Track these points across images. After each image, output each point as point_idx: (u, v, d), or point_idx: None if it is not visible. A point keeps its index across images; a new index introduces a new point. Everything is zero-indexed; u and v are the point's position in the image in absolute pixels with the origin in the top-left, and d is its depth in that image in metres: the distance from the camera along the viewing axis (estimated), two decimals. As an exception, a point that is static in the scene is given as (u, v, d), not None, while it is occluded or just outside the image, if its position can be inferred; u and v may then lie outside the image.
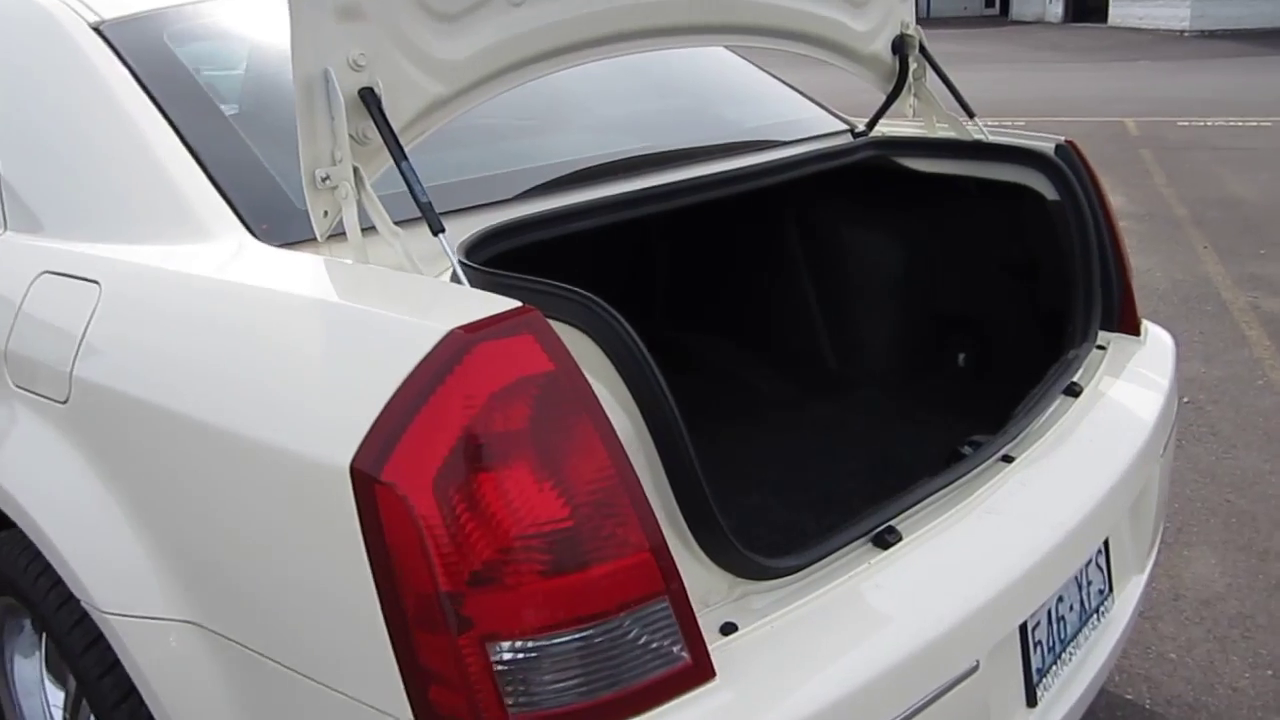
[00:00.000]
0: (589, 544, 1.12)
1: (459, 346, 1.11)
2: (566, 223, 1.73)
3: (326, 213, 1.40)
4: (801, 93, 2.66)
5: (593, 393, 1.15)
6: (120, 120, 1.62)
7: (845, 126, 2.54)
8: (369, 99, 1.36)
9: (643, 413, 1.25)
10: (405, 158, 1.34)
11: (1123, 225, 7.36)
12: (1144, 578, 2.00)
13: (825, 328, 2.67)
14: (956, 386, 2.62)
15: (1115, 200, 7.34)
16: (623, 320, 1.26)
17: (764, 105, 2.47)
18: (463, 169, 1.87)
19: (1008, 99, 12.39)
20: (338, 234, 1.41)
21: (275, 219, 1.52)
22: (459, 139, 1.90)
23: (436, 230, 1.32)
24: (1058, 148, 2.25)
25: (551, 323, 1.28)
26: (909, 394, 2.60)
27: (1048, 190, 2.22)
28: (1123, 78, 14.75)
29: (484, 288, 1.33)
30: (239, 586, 1.30)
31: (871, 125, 2.51)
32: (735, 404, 2.61)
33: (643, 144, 2.07)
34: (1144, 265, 5.86)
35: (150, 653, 1.39)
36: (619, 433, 1.25)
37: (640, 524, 1.15)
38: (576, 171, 1.95)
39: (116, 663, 1.45)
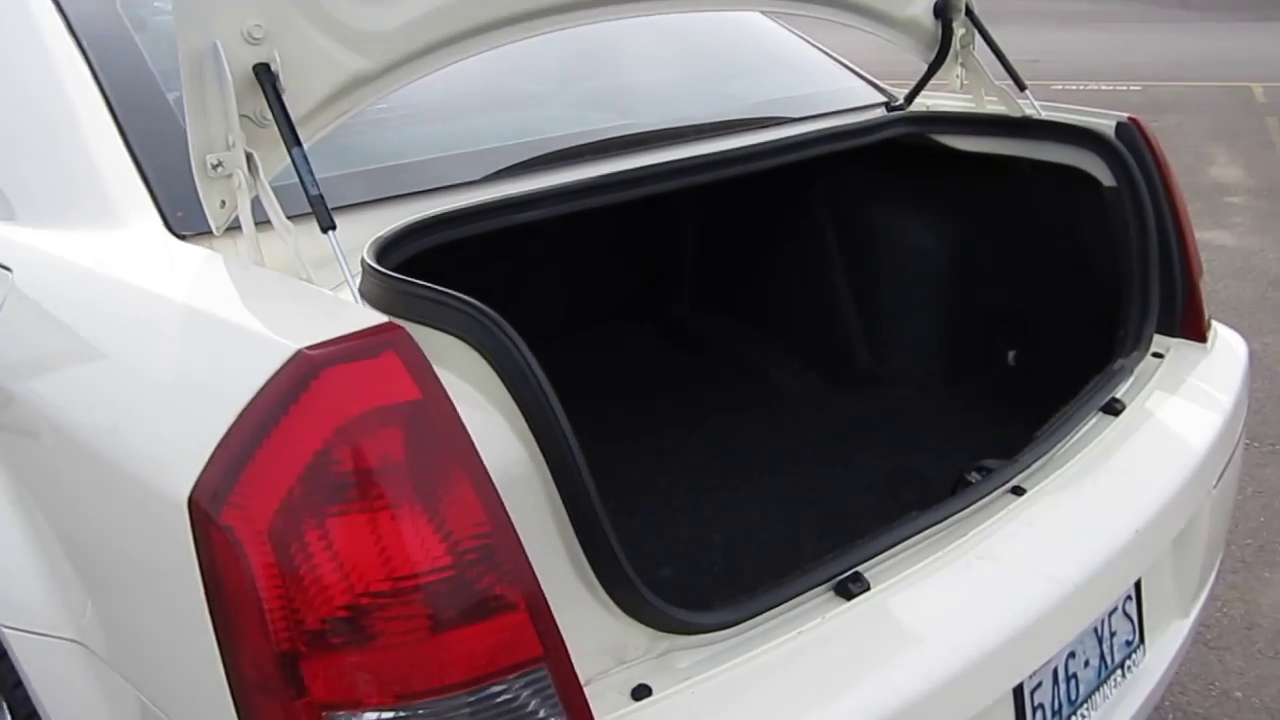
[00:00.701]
0: (450, 602, 0.96)
1: (306, 370, 0.96)
2: (506, 215, 1.56)
3: (224, 203, 1.26)
4: (842, 62, 2.42)
5: (462, 427, 0.99)
6: (50, 84, 1.51)
7: (883, 99, 2.30)
8: (264, 76, 1.21)
9: (539, 445, 1.09)
10: (298, 143, 1.19)
11: (1236, 201, 6.84)
12: (1189, 622, 1.75)
13: (857, 320, 2.44)
14: (1004, 389, 2.37)
15: (1232, 173, 6.81)
16: (516, 339, 1.09)
17: (784, 76, 2.25)
18: (431, 146, 1.72)
19: (1128, 61, 11.64)
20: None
21: (192, 205, 1.38)
22: (426, 112, 1.75)
23: (325, 226, 1.17)
24: (1119, 127, 1.97)
25: (450, 340, 1.12)
26: (948, 396, 2.37)
27: (1104, 175, 1.96)
28: (1255, 38, 13.71)
29: (382, 294, 1.18)
30: (112, 610, 1.19)
31: (910, 98, 2.26)
32: (753, 399, 2.42)
33: (626, 122, 1.87)
34: (1255, 246, 5.38)
35: (40, 669, 1.30)
36: (513, 466, 1.09)
37: (515, 579, 0.99)
38: (556, 152, 1.77)
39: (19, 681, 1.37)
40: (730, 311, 2.71)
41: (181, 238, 1.37)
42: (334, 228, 1.17)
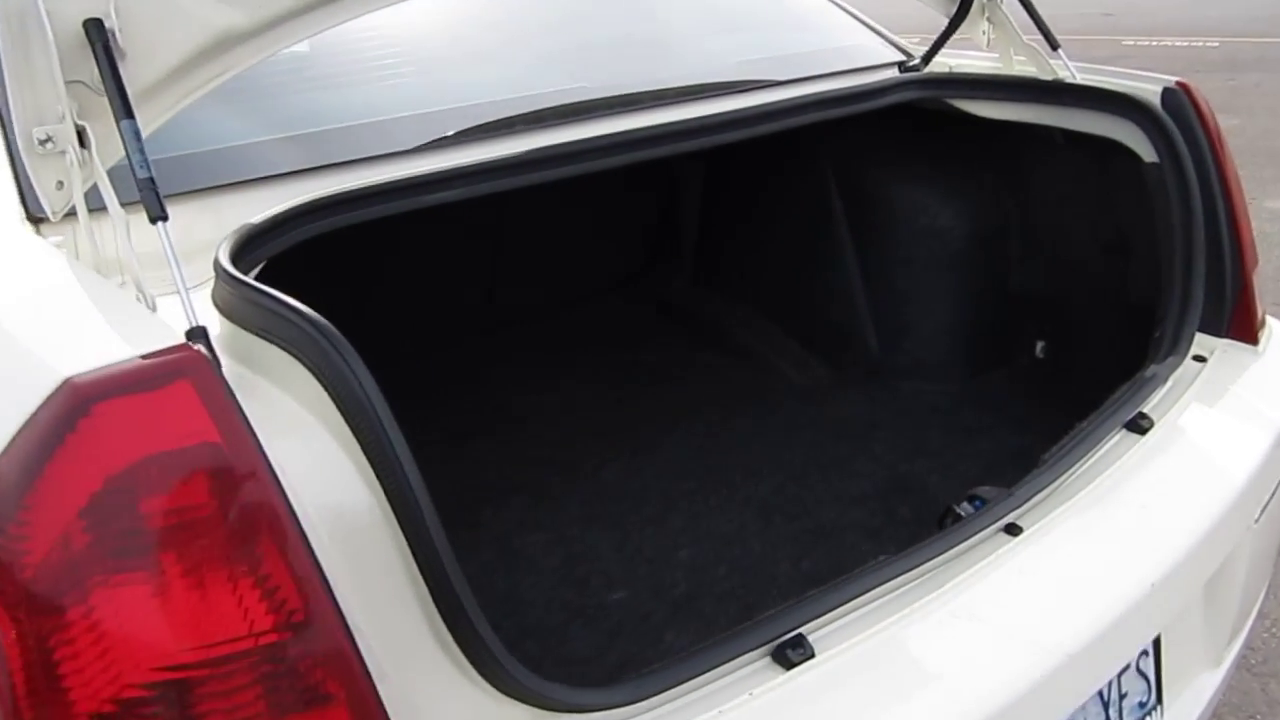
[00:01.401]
0: (248, 697, 0.78)
1: (75, 404, 0.77)
2: (412, 196, 1.35)
3: (60, 184, 1.07)
4: (854, 14, 2.16)
5: (269, 478, 0.79)
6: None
7: (900, 59, 2.04)
8: (94, 33, 1.02)
9: (383, 489, 0.89)
10: (129, 115, 1.00)
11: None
12: (1221, 673, 1.51)
13: (866, 304, 2.21)
14: (1028, 385, 2.13)
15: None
16: (350, 359, 0.89)
17: (777, 32, 2.00)
18: (355, 110, 1.52)
19: (1207, 15, 10.98)
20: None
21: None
22: (349, 70, 1.54)
23: (154, 216, 0.97)
24: (1165, 93, 1.70)
25: (291, 360, 0.93)
26: (964, 392, 2.13)
27: (1144, 149, 1.69)
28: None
29: (232, 302, 0.99)
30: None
31: (928, 58, 2.00)
32: (747, 390, 2.20)
33: (576, 85, 1.65)
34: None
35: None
36: (357, 513, 0.90)
37: (332, 664, 0.80)
38: (509, 118, 1.56)
39: None
40: (732, 291, 2.49)
41: (38, 222, 1.19)
42: (165, 218, 0.98)
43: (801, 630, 1.07)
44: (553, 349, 2.37)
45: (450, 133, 1.51)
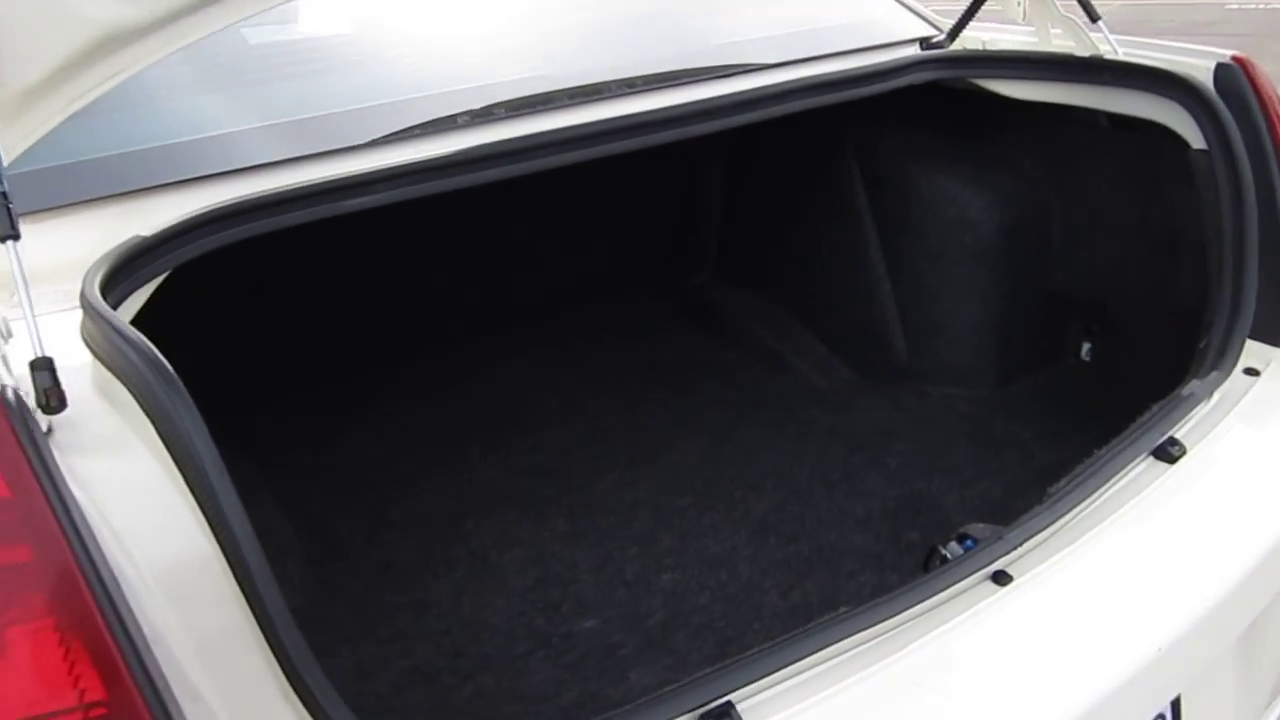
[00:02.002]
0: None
1: None
2: (330, 201, 1.25)
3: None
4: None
5: (65, 541, 0.70)
6: None
7: (927, 34, 1.86)
8: None
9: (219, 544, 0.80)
10: None
11: None
12: (1260, 734, 1.34)
13: (893, 302, 2.04)
14: (1066, 392, 1.94)
15: None
16: (177, 400, 0.79)
17: (782, 7, 1.83)
18: (289, 106, 1.41)
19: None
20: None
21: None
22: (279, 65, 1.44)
23: (4, 235, 0.88)
24: (1219, 69, 1.50)
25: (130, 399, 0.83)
26: (996, 399, 1.96)
27: (1192, 134, 1.50)
28: None
29: (84, 328, 0.91)
30: None
31: (953, 34, 1.82)
32: (762, 394, 2.06)
33: (537, 74, 1.52)
34: None
35: None
36: (195, 566, 0.81)
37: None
38: (490, 107, 1.45)
39: None
40: (755, 287, 2.34)
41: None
42: (16, 237, 0.89)
43: (731, 698, 0.95)
44: (562, 346, 2.26)
45: (389, 131, 1.38)
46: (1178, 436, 1.31)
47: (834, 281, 2.13)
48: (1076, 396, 1.93)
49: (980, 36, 1.87)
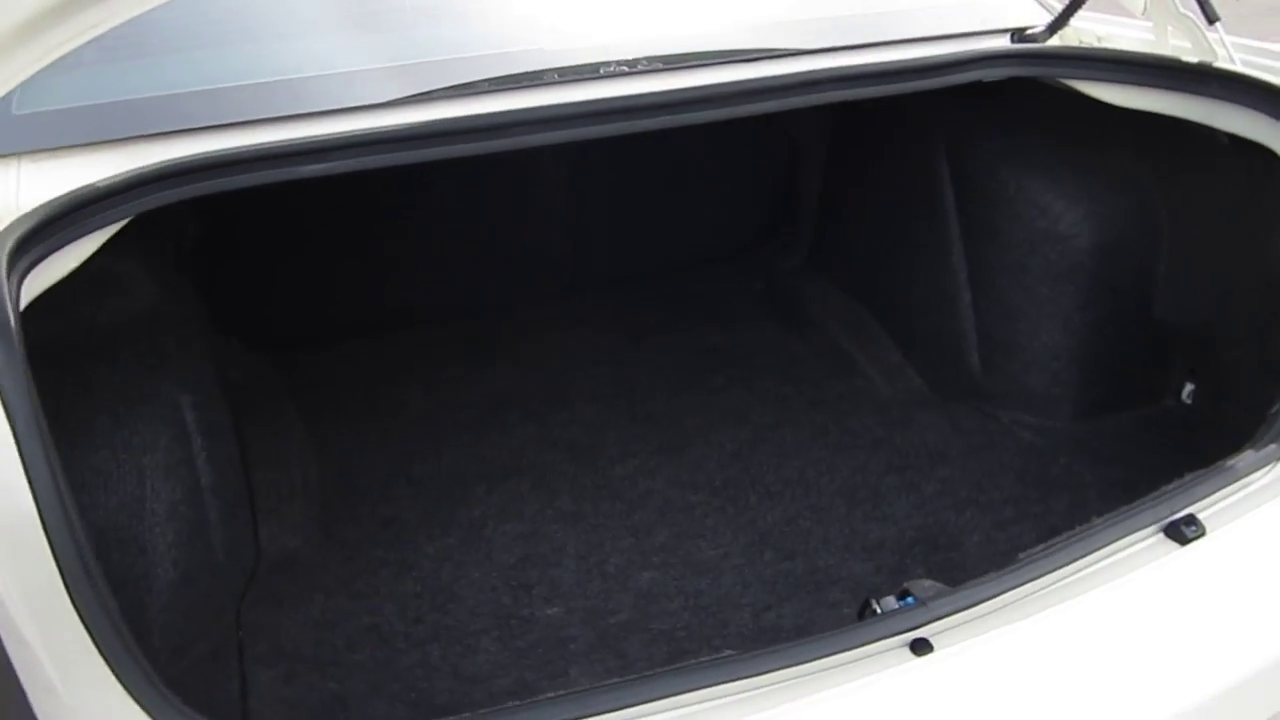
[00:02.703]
0: None
1: None
2: (283, 165, 1.24)
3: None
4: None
5: None
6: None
7: (1027, 24, 1.68)
8: None
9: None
10: None
11: None
12: None
13: (974, 313, 1.87)
14: (1166, 435, 1.74)
15: None
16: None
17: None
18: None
19: None
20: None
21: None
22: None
23: None
24: None
25: None
26: (1075, 433, 1.77)
27: None
28: None
29: None
30: None
31: (1054, 26, 1.62)
32: (820, 395, 1.95)
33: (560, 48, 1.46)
34: None
35: None
36: (21, 522, 0.84)
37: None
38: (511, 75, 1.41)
39: None
40: (841, 279, 2.21)
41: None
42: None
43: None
44: (631, 322, 2.22)
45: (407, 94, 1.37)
46: (1199, 515, 1.14)
47: (915, 284, 1.98)
48: (1164, 444, 1.72)
49: (1096, 30, 1.66)
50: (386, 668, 1.38)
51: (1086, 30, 1.66)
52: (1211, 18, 1.43)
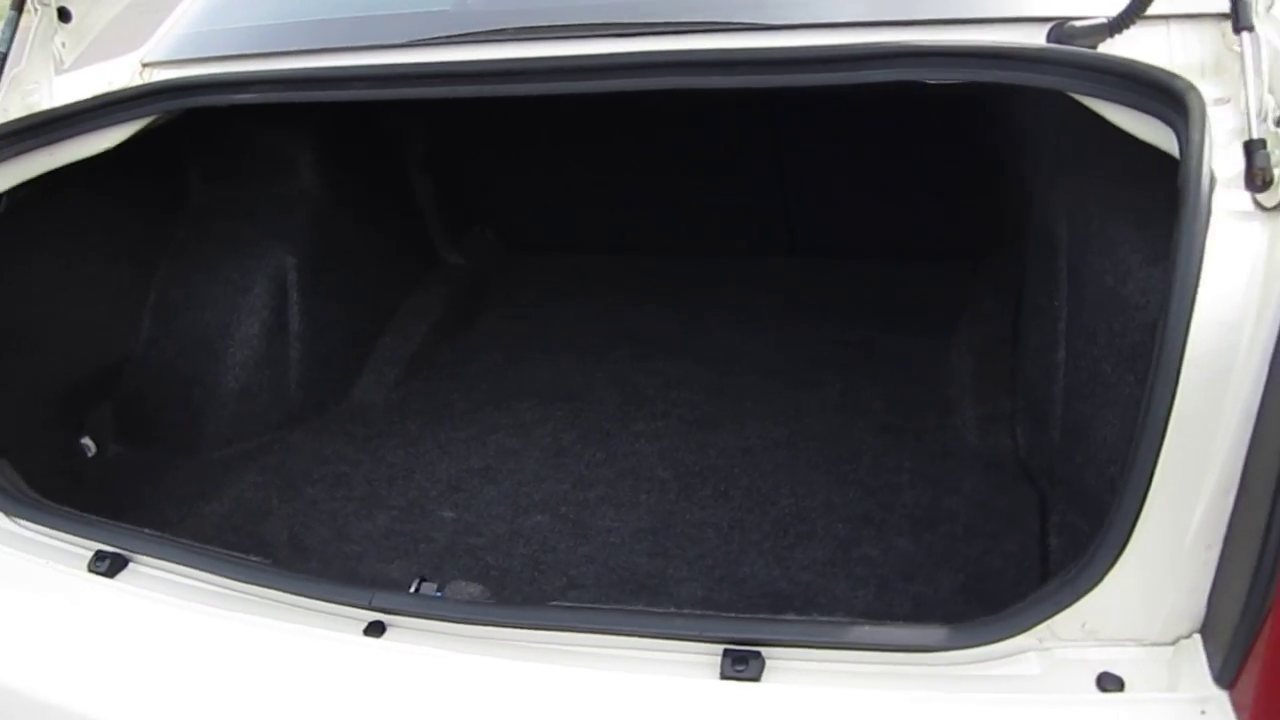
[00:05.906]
0: None
1: None
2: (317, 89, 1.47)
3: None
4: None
5: None
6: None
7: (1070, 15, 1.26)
8: None
9: None
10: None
11: None
12: None
13: (1065, 376, 1.49)
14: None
15: None
16: None
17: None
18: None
19: None
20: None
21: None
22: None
23: None
24: None
25: None
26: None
27: None
28: None
29: None
30: None
31: (1117, 26, 1.19)
32: (890, 423, 1.73)
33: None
34: None
35: None
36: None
37: None
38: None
39: None
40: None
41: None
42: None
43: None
44: (796, 300, 2.11)
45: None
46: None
47: (1031, 328, 1.61)
48: None
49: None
50: (265, 543, 1.60)
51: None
52: (1241, 26, 0.99)
